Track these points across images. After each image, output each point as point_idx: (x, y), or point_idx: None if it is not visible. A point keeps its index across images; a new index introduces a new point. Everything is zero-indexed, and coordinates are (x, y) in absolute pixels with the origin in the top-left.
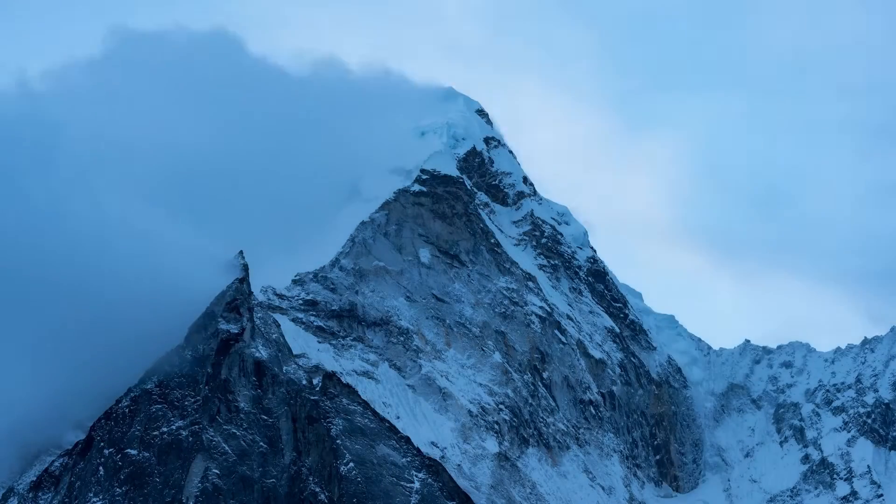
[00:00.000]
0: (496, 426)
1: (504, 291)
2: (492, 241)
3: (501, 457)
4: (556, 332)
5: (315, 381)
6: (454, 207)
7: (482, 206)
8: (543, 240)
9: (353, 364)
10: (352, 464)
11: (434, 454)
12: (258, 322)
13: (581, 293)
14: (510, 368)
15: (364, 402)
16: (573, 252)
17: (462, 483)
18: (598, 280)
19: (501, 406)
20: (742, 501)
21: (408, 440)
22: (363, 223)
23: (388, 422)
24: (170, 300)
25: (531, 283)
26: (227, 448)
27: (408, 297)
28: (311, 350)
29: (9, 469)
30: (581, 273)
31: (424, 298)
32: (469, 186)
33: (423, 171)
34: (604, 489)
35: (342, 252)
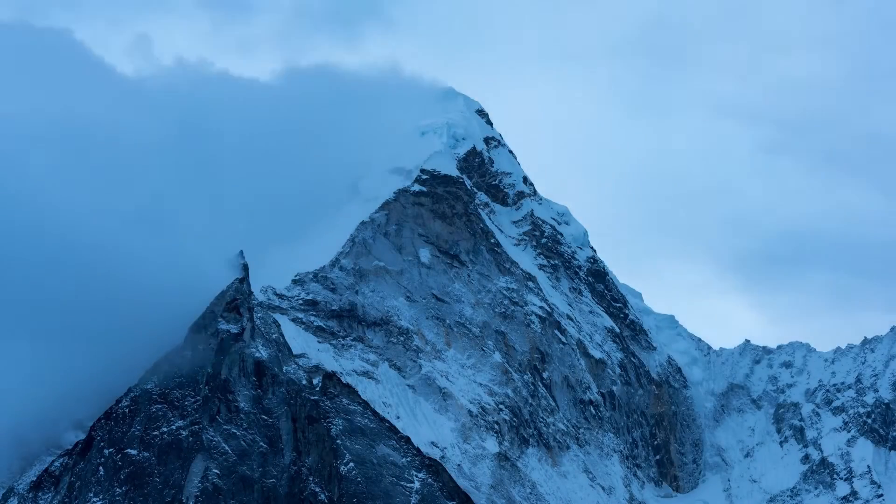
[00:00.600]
0: (496, 426)
1: (504, 291)
2: (492, 241)
3: (501, 457)
4: (556, 332)
5: (315, 381)
6: (454, 207)
7: (482, 206)
8: (543, 240)
9: (353, 364)
10: (352, 464)
11: (434, 454)
12: (258, 322)
13: (581, 293)
14: (510, 368)
15: (364, 402)
16: (573, 252)
17: (462, 483)
18: (598, 280)
19: (501, 406)
20: (742, 501)
21: (408, 440)
22: (363, 223)
23: (388, 422)
24: (170, 300)
25: (531, 283)
26: (227, 448)
27: (408, 297)
28: (311, 350)
29: (9, 469)
30: (581, 273)
31: (424, 298)
32: (469, 186)
33: (423, 171)
34: (604, 489)
35: (342, 252)
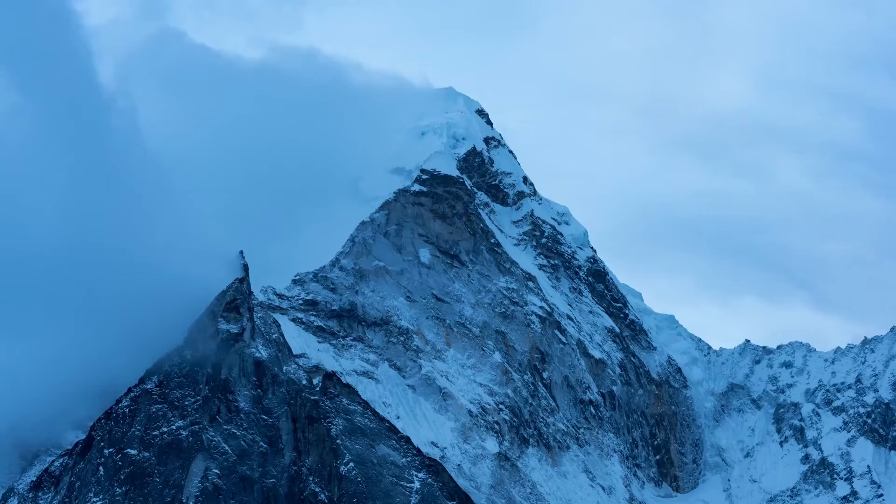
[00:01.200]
0: (496, 426)
1: (504, 291)
2: (492, 241)
3: (501, 457)
4: (556, 332)
5: (315, 381)
6: (454, 207)
7: (482, 206)
8: (543, 240)
9: (353, 364)
10: (352, 464)
11: (434, 454)
12: (258, 322)
13: (581, 293)
14: (510, 368)
15: (364, 402)
16: (573, 252)
17: (462, 483)
18: (598, 280)
19: (501, 406)
20: (742, 501)
21: (408, 440)
22: (363, 223)
23: (388, 422)
24: (170, 300)
25: (531, 283)
26: (227, 448)
27: (408, 297)
28: (311, 350)
29: (9, 469)
30: (581, 273)
31: (424, 298)
32: (469, 186)
33: (423, 171)
34: (604, 489)
35: (342, 252)
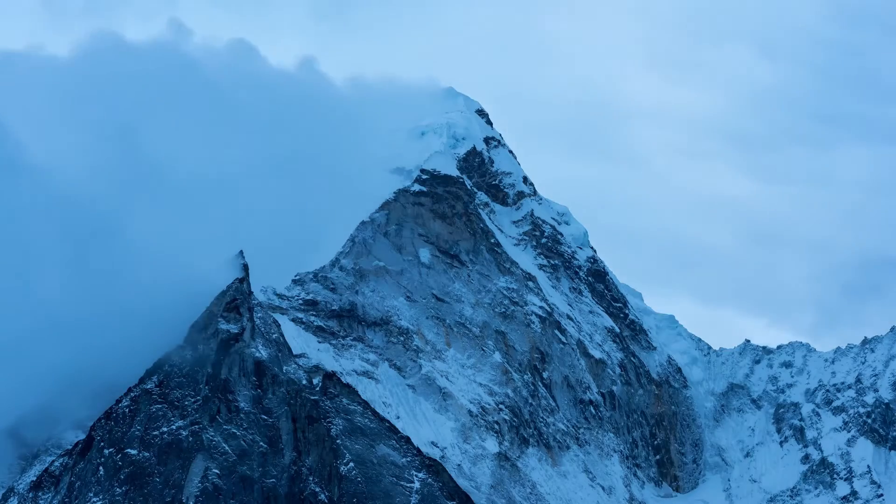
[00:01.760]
0: (496, 426)
1: (504, 291)
2: (492, 241)
3: (501, 457)
4: (556, 332)
5: (315, 381)
6: (454, 207)
7: (482, 206)
8: (543, 240)
9: (353, 364)
10: (352, 464)
11: (434, 454)
12: (258, 322)
13: (581, 293)
14: (510, 368)
15: (364, 402)
16: (573, 252)
17: (462, 483)
18: (598, 280)
19: (501, 406)
20: (742, 501)
21: (408, 440)
22: (363, 223)
23: (388, 422)
24: (170, 300)
25: (531, 283)
26: (227, 448)
27: (408, 297)
28: (311, 350)
29: (9, 469)
30: (581, 273)
31: (424, 298)
32: (469, 186)
33: (423, 171)
34: (604, 489)
35: (342, 252)
